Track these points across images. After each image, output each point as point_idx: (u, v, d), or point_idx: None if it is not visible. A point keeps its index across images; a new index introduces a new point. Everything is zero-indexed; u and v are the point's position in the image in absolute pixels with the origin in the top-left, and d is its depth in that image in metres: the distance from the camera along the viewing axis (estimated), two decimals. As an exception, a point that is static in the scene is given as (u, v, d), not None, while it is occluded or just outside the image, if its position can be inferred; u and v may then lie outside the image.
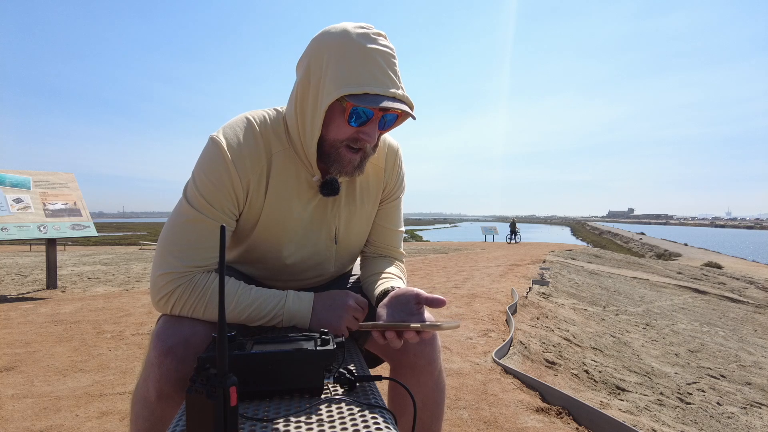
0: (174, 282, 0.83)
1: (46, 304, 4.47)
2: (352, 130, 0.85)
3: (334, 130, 0.85)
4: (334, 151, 0.87)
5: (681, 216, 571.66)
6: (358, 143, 0.86)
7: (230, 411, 0.52)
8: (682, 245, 36.38)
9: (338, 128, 0.85)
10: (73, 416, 1.86)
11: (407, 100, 0.83)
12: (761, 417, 2.52)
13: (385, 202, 1.07)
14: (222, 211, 0.87)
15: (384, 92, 0.79)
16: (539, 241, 27.44)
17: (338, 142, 0.86)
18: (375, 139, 0.87)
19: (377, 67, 0.80)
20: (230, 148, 0.86)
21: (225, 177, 0.86)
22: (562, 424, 1.83)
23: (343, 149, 0.86)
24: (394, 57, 0.84)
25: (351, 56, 0.79)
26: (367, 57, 0.80)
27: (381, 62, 0.81)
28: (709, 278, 11.32)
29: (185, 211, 0.86)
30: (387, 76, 0.81)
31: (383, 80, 0.80)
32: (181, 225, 0.85)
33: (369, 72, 0.79)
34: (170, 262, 0.84)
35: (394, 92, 0.80)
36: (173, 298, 0.83)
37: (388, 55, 0.82)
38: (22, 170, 5.55)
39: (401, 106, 0.81)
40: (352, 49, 0.80)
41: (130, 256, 11.56)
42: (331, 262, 1.04)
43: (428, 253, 13.13)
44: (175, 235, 0.85)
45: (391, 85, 0.81)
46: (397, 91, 0.81)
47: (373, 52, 0.80)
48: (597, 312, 4.86)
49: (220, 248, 0.54)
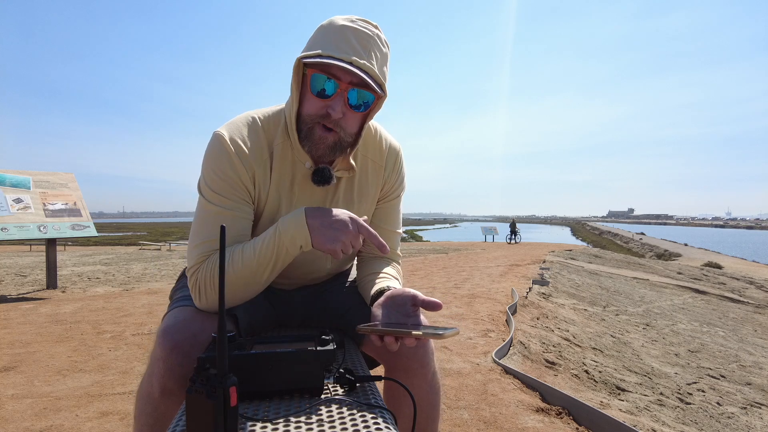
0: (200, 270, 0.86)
1: (46, 304, 4.48)
2: (320, 104, 0.85)
3: (305, 105, 0.87)
4: (306, 127, 0.87)
5: (681, 216, 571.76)
6: (327, 120, 0.85)
7: (230, 411, 0.52)
8: (682, 245, 36.38)
9: (308, 102, 0.86)
10: (73, 416, 1.86)
11: (371, 71, 0.82)
12: (761, 417, 2.51)
13: (383, 200, 1.07)
14: (236, 200, 0.89)
15: (340, 56, 0.79)
16: (539, 241, 27.44)
17: (311, 118, 0.86)
18: (340, 113, 0.83)
19: (344, 39, 0.81)
20: (233, 141, 0.88)
21: (231, 170, 0.88)
22: (562, 424, 1.83)
23: (317, 127, 0.86)
24: (372, 39, 0.83)
25: (326, 32, 0.83)
26: (338, 32, 0.82)
27: (351, 37, 0.81)
28: (709, 278, 11.32)
29: (204, 207, 0.89)
30: (350, 46, 0.80)
31: (343, 48, 0.80)
32: (203, 221, 0.88)
33: (332, 42, 0.80)
34: (195, 257, 0.87)
35: (355, 60, 0.79)
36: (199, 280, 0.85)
37: (365, 34, 0.82)
38: (22, 170, 5.55)
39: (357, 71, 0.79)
40: (330, 26, 0.83)
41: (130, 256, 11.56)
42: (327, 259, 1.05)
43: (428, 253, 13.13)
44: (199, 231, 0.88)
45: (351, 53, 0.80)
46: (360, 60, 0.80)
47: (346, 29, 0.82)
48: (597, 312, 4.86)
49: (220, 249, 0.54)
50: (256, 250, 0.85)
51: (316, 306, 1.10)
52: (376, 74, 0.83)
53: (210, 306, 0.87)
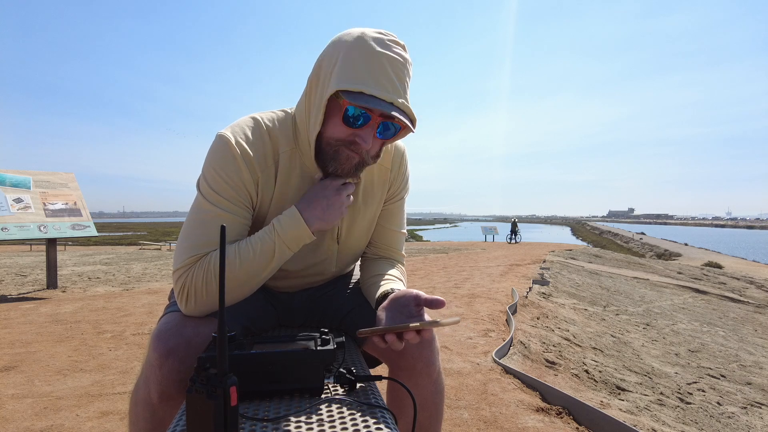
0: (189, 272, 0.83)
1: (46, 304, 4.48)
2: (348, 132, 0.83)
3: (331, 128, 0.84)
4: (332, 149, 0.85)
5: (681, 216, 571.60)
6: (353, 147, 0.84)
7: (230, 411, 0.52)
8: (683, 245, 36.36)
9: (334, 126, 0.84)
10: (74, 416, 1.86)
11: (408, 110, 0.81)
12: (761, 417, 2.51)
13: (389, 202, 1.07)
14: (237, 204, 0.87)
15: (381, 96, 0.78)
16: (539, 241, 27.43)
17: (335, 141, 0.85)
18: (370, 144, 0.84)
19: (381, 70, 0.78)
20: (239, 145, 0.86)
21: (235, 173, 0.86)
22: (562, 424, 1.83)
23: (342, 148, 0.85)
24: (405, 67, 0.82)
25: (359, 56, 0.79)
26: (373, 59, 0.78)
27: (387, 67, 0.79)
28: (710, 278, 11.31)
29: (201, 206, 0.86)
30: (390, 81, 0.79)
31: (384, 84, 0.78)
32: (199, 221, 0.85)
33: (370, 73, 0.78)
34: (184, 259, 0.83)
35: (392, 99, 0.78)
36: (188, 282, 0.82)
37: (398, 62, 0.80)
38: (22, 170, 5.55)
39: (397, 114, 0.78)
40: (363, 49, 0.79)
41: (130, 256, 11.56)
42: (332, 262, 1.04)
43: (428, 253, 13.13)
44: (193, 231, 0.85)
45: (392, 91, 0.79)
46: (397, 99, 0.79)
47: (381, 56, 0.79)
48: (597, 312, 4.86)
49: (220, 249, 0.54)
50: (255, 251, 0.84)
51: (317, 307, 1.10)
52: (411, 113, 0.82)
53: (198, 311, 0.84)
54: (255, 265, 0.84)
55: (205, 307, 0.84)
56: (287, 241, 0.85)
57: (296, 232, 0.85)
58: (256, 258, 0.84)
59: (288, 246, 0.86)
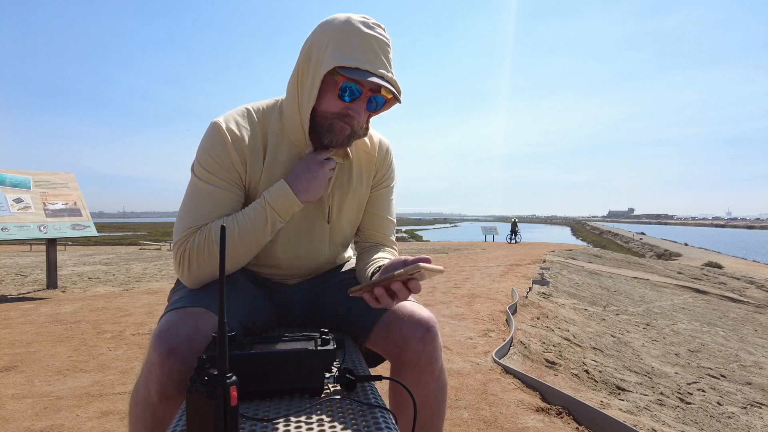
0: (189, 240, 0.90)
1: (46, 304, 4.48)
2: (342, 105, 0.92)
3: (325, 103, 0.92)
4: (326, 122, 0.93)
5: (681, 216, 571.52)
6: (346, 119, 0.92)
7: (230, 411, 0.52)
8: (683, 245, 36.36)
9: (329, 101, 0.92)
10: (74, 416, 1.86)
11: (395, 83, 0.91)
12: (761, 417, 2.51)
13: (376, 188, 1.13)
14: (228, 182, 0.94)
15: (374, 71, 0.87)
16: (539, 241, 27.43)
17: (330, 115, 0.93)
18: (362, 117, 0.93)
19: (371, 49, 0.88)
20: (228, 129, 0.94)
21: (224, 154, 0.93)
22: (563, 424, 1.83)
23: (336, 120, 0.93)
24: (388, 47, 0.92)
25: (350, 37, 0.88)
26: (363, 40, 0.88)
27: (375, 47, 0.89)
28: (710, 278, 11.31)
29: (195, 185, 0.93)
30: (378, 59, 0.89)
31: (375, 61, 0.88)
32: (195, 198, 0.93)
33: (363, 52, 0.88)
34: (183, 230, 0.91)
35: (383, 73, 0.88)
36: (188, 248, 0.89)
37: (383, 42, 0.91)
38: (22, 170, 5.55)
39: (388, 86, 0.89)
40: (352, 32, 0.88)
41: (130, 256, 11.56)
42: (325, 243, 1.08)
43: (428, 253, 13.13)
44: (188, 206, 0.93)
45: (381, 66, 0.89)
46: (386, 73, 0.89)
47: (369, 37, 0.89)
48: (597, 312, 4.86)
49: (220, 249, 0.54)
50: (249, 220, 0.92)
51: (317, 307, 1.11)
52: (397, 85, 0.91)
53: (198, 277, 0.91)
54: (251, 234, 0.92)
55: (205, 271, 0.90)
56: (278, 210, 0.93)
57: (286, 202, 0.93)
58: (251, 226, 0.92)
59: (279, 214, 0.93)
